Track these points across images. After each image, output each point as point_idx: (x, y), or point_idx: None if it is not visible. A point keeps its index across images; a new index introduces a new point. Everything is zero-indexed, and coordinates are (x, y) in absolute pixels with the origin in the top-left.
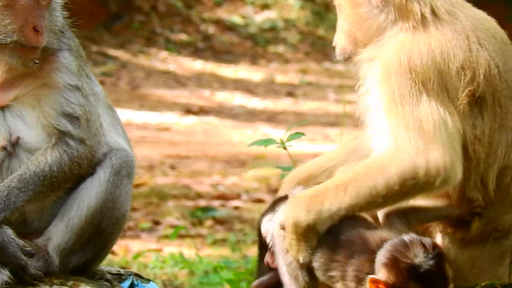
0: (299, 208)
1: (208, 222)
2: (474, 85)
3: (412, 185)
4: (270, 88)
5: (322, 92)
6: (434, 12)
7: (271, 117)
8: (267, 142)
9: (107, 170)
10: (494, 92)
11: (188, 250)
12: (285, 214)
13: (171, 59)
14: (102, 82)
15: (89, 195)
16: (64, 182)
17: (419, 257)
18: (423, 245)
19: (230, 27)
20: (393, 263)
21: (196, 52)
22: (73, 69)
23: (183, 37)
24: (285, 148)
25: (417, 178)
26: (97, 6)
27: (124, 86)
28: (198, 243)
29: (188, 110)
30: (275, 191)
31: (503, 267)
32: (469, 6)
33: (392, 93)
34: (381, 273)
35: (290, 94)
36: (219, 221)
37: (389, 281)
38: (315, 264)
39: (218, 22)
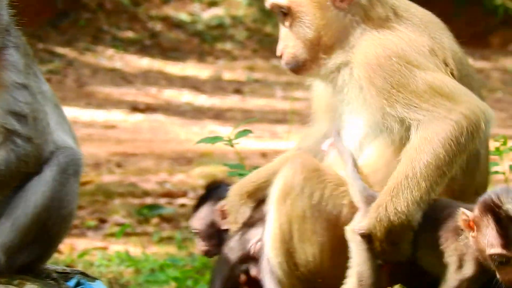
0: (384, 212)
1: (155, 220)
2: (448, 64)
3: (465, 139)
4: (217, 85)
5: (269, 89)
6: (395, 12)
7: (219, 115)
8: (214, 139)
9: (53, 168)
10: (460, 77)
11: (134, 248)
12: (369, 222)
13: (118, 57)
14: (48, 80)
15: (36, 193)
16: (11, 180)
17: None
18: None
19: (177, 24)
20: (485, 204)
21: (143, 49)
22: (20, 67)
23: (130, 34)
24: (232, 146)
25: (465, 130)
26: (43, 3)
27: (71, 84)
28: (144, 241)
29: (135, 108)
30: None
31: None
32: (415, 5)
33: (385, 83)
34: (473, 211)
35: (238, 91)
36: (166, 219)
37: (475, 219)
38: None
39: (165, 19)
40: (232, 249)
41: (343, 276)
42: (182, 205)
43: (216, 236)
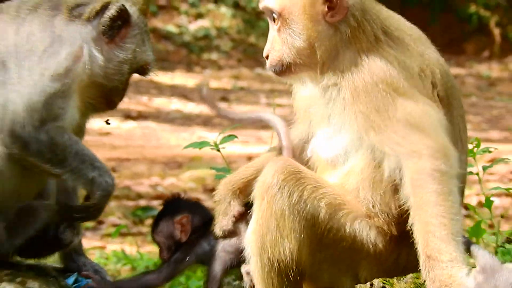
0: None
1: (148, 221)
2: (435, 84)
3: (447, 173)
4: None
5: (254, 97)
6: (385, 32)
7: (206, 121)
8: (201, 144)
9: None
10: (446, 89)
11: (129, 247)
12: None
13: None
14: None
15: None
16: None
17: None
18: None
19: (165, 36)
20: None
21: None
22: None
23: None
24: (218, 150)
25: (443, 169)
26: None
27: None
28: (139, 240)
29: (128, 116)
30: (211, 190)
31: None
32: (404, 20)
33: (367, 108)
34: None
35: (224, 98)
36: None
37: None
38: None
39: (154, 31)
40: (226, 250)
41: (321, 273)
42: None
43: (174, 246)
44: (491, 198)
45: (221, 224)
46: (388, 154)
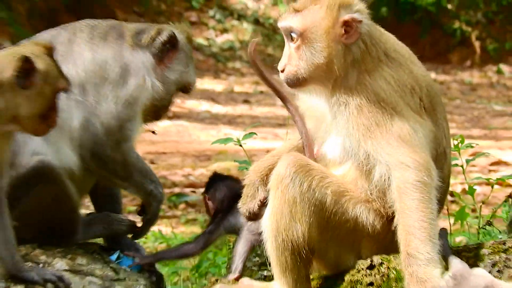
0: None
1: (181, 206)
2: (422, 99)
3: (428, 184)
4: (229, 97)
5: (271, 99)
6: (386, 53)
7: (231, 120)
8: (226, 140)
9: None
10: (431, 99)
11: (165, 228)
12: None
13: None
14: None
15: None
16: None
17: None
18: None
19: (196, 48)
20: None
21: None
22: None
23: None
24: (240, 145)
25: (425, 181)
26: None
27: None
28: (173, 222)
29: None
30: None
31: None
32: (398, 41)
33: (368, 121)
34: None
35: (246, 101)
36: (190, 205)
37: None
38: None
39: None
40: (251, 230)
41: (328, 251)
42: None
43: (212, 214)
44: (474, 187)
45: (248, 206)
46: (380, 161)
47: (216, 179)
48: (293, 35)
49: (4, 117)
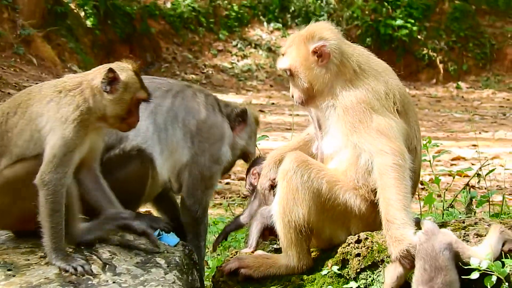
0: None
1: None
2: (396, 103)
3: (403, 166)
4: None
5: (280, 110)
6: (359, 66)
7: None
8: None
9: None
10: (404, 104)
11: None
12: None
13: None
14: None
15: None
16: None
17: None
18: None
19: (222, 70)
20: None
21: (201, 86)
22: None
23: (192, 76)
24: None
25: (400, 163)
26: (136, 56)
27: None
28: None
29: None
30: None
31: None
32: (371, 55)
33: (353, 119)
34: None
35: (261, 111)
36: (217, 192)
37: None
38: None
39: (214, 67)
40: (263, 214)
41: (324, 229)
42: (227, 183)
43: (253, 189)
44: (439, 177)
45: (262, 182)
46: (364, 150)
47: (260, 159)
48: (287, 72)
49: (95, 115)
